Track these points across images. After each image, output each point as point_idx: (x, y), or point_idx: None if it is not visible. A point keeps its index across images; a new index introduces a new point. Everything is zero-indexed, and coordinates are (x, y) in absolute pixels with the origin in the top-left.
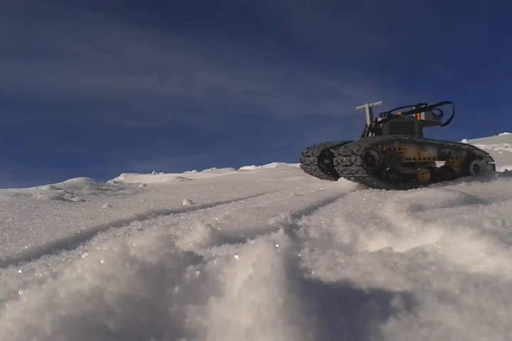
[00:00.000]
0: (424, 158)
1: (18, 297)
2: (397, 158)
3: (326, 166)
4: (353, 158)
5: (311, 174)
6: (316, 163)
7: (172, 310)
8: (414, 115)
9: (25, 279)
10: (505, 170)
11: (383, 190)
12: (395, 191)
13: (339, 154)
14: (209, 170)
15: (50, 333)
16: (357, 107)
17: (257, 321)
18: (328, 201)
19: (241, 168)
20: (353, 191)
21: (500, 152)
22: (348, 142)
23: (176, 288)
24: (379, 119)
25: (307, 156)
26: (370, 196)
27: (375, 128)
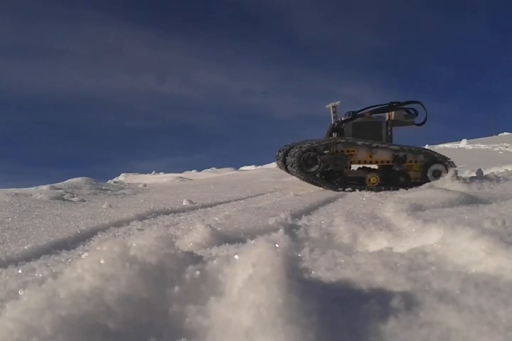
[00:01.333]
0: (377, 161)
1: (18, 297)
2: (343, 161)
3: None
4: (292, 160)
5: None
6: (281, 165)
7: (172, 310)
8: (382, 115)
9: (25, 279)
10: (505, 170)
11: (384, 190)
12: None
13: (286, 156)
14: (209, 170)
15: (50, 333)
16: (326, 106)
17: (257, 321)
18: (328, 201)
19: (241, 168)
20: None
21: (501, 152)
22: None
23: (176, 288)
24: (343, 119)
25: (277, 159)
26: (370, 196)
27: (337, 129)
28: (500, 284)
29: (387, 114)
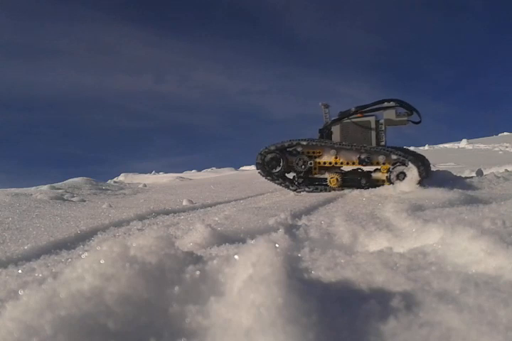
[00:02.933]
0: (342, 163)
1: (18, 297)
2: (305, 163)
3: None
4: (256, 162)
5: None
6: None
7: (172, 310)
8: (375, 114)
9: (25, 279)
10: (505, 170)
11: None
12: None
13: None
14: (209, 170)
15: (50, 333)
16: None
17: (257, 321)
18: (328, 201)
19: (241, 168)
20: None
21: (500, 152)
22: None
23: (176, 288)
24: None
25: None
26: (370, 196)
27: (325, 130)
28: (500, 284)
29: (383, 113)
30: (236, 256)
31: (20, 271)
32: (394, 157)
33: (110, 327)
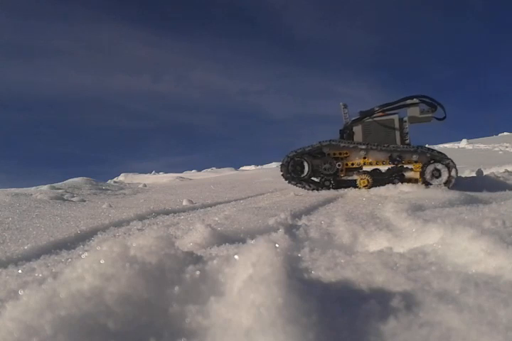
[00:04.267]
0: (371, 163)
1: (18, 297)
2: (332, 165)
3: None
4: (281, 168)
5: None
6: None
7: (172, 310)
8: (397, 112)
9: (25, 279)
10: (505, 170)
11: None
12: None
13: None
14: (209, 170)
15: (50, 333)
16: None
17: (257, 321)
18: (328, 201)
19: (241, 168)
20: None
21: (500, 152)
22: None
23: (176, 288)
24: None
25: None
26: (370, 196)
27: (347, 130)
28: (500, 284)
29: (406, 110)
30: (236, 256)
31: (20, 271)
32: (428, 155)
33: (110, 327)
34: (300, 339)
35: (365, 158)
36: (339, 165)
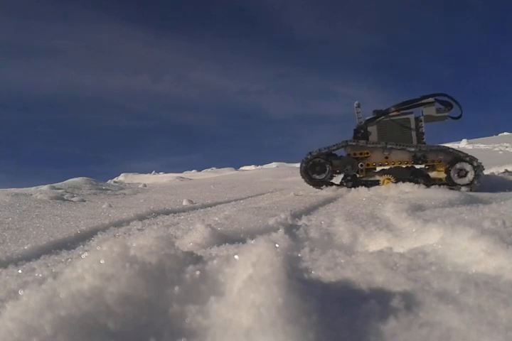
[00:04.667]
0: (394, 163)
1: (18, 297)
2: (354, 165)
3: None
4: (301, 168)
5: None
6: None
7: (172, 310)
8: (412, 111)
9: (25, 279)
10: (505, 170)
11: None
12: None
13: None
14: (209, 170)
15: (50, 333)
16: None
17: (257, 321)
18: (328, 201)
19: (241, 168)
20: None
21: (500, 152)
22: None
23: (176, 288)
24: (367, 119)
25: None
26: (370, 196)
27: (361, 130)
28: (500, 284)
29: (420, 110)
30: (236, 256)
31: (20, 271)
32: (455, 154)
33: (110, 327)
34: (300, 339)
35: (386, 157)
36: (361, 166)
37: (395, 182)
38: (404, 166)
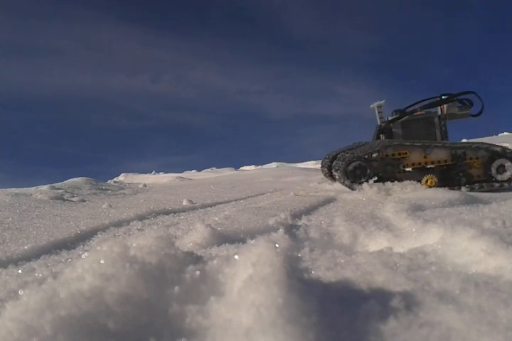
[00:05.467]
0: (432, 162)
1: (18, 297)
2: (394, 166)
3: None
4: (339, 174)
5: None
6: (327, 173)
7: (172, 310)
8: (433, 109)
9: (25, 279)
10: None
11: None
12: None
13: (332, 166)
14: (209, 170)
15: (50, 333)
16: (370, 106)
17: (257, 321)
18: (328, 201)
19: (241, 168)
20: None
21: None
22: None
23: (176, 288)
24: (390, 119)
25: (322, 167)
26: (370, 196)
27: (385, 130)
28: (500, 284)
29: (438, 108)
30: (236, 256)
31: (20, 271)
32: (494, 150)
33: (110, 327)
34: (300, 339)
35: (425, 157)
36: (403, 166)
37: (438, 182)
38: (439, 165)
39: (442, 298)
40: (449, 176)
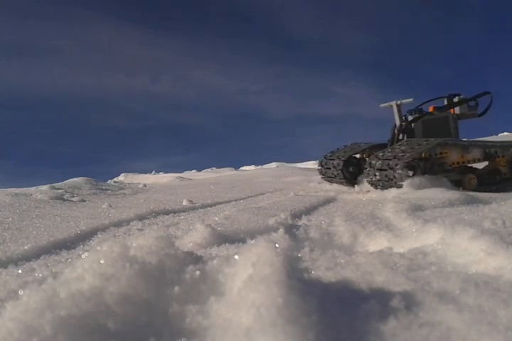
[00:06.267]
0: (469, 161)
1: (18, 297)
2: (439, 166)
3: (349, 174)
4: (396, 175)
5: (331, 181)
6: (340, 167)
7: (172, 310)
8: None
9: (25, 279)
10: None
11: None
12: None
13: (375, 168)
14: (209, 170)
15: (50, 333)
16: (381, 105)
17: (257, 321)
18: (328, 201)
19: (241, 168)
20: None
21: None
22: (378, 146)
23: (176, 288)
24: (409, 118)
25: (330, 159)
26: (370, 196)
27: (406, 129)
28: (500, 284)
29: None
30: (236, 256)
31: (20, 271)
32: None
33: (110, 327)
34: (300, 339)
35: (462, 156)
36: (450, 166)
37: (478, 182)
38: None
39: (442, 298)
40: (489, 176)
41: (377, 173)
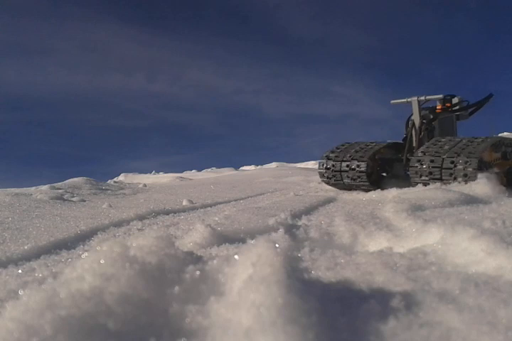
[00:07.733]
0: (495, 160)
1: (18, 297)
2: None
3: (376, 176)
4: (467, 173)
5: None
6: (362, 169)
7: (172, 310)
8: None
9: (25, 279)
10: None
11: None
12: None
13: (431, 166)
14: (209, 170)
15: (50, 333)
16: (392, 101)
17: (257, 321)
18: (328, 201)
19: (241, 168)
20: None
21: None
22: (393, 145)
23: (176, 288)
24: (430, 116)
25: (329, 169)
26: (370, 196)
27: (428, 127)
28: (500, 284)
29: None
30: (236, 256)
31: (20, 271)
32: None
33: (110, 327)
34: (300, 339)
35: (491, 155)
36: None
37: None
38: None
39: (442, 298)
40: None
41: (436, 171)
